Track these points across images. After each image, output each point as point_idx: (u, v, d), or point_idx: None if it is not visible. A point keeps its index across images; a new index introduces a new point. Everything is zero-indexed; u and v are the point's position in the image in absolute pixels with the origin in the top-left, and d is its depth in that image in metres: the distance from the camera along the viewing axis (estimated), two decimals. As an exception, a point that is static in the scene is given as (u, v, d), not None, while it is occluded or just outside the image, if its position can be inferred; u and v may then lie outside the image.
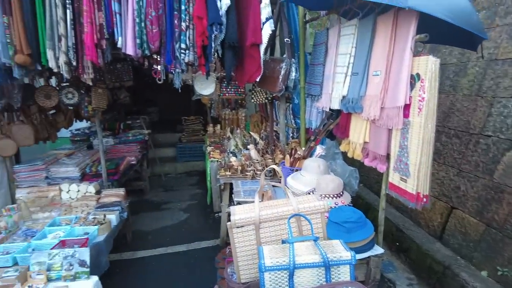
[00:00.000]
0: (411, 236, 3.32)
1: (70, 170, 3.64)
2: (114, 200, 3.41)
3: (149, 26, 2.68)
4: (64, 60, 2.67)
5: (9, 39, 2.59)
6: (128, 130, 5.42)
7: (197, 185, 5.67)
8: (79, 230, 2.89)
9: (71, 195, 3.57)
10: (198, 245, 3.66)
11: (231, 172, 3.45)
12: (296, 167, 3.07)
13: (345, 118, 2.72)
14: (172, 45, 2.77)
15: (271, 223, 1.62)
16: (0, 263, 2.47)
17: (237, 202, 2.90)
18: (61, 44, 2.65)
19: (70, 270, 2.43)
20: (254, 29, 2.80)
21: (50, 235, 2.85)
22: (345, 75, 2.64)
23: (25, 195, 3.52)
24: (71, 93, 3.35)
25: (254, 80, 3.05)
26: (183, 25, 2.76)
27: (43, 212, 3.20)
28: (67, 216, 3.10)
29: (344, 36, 2.72)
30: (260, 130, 5.14)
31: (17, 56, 2.59)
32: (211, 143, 4.86)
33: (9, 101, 3.06)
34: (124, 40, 2.71)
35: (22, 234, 2.90)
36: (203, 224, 4.19)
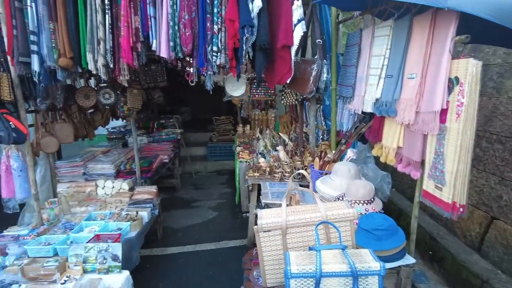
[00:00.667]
0: (445, 245, 3.17)
1: (106, 167, 3.81)
2: (146, 197, 3.52)
3: (182, 29, 2.74)
4: (102, 62, 2.79)
5: (54, 44, 2.75)
6: (162, 129, 5.58)
7: (226, 184, 5.75)
8: (112, 226, 3.02)
9: (106, 191, 3.74)
10: (226, 244, 3.71)
11: (259, 173, 3.46)
12: (326, 170, 3.02)
13: (378, 122, 2.64)
14: (204, 48, 2.82)
15: (298, 229, 1.60)
16: (42, 253, 2.63)
17: (264, 204, 2.91)
18: (100, 48, 2.77)
19: (103, 264, 2.54)
20: (285, 31, 2.78)
21: (86, 229, 3.00)
22: (378, 77, 2.56)
23: (65, 190, 3.73)
24: (108, 94, 3.50)
25: (284, 82, 3.03)
26: (215, 28, 2.79)
27: (81, 207, 3.38)
28: (102, 211, 3.25)
29: (378, 37, 2.64)
30: (289, 131, 5.11)
31: (61, 59, 2.74)
32: (241, 144, 4.90)
33: (53, 101, 3.25)
34: (158, 43, 2.79)
35: (62, 226, 3.08)
36: (231, 224, 4.24)
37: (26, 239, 2.90)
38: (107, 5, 2.70)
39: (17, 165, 3.16)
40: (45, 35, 2.72)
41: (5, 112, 2.75)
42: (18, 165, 3.16)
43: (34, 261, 2.55)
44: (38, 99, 3.12)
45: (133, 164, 3.97)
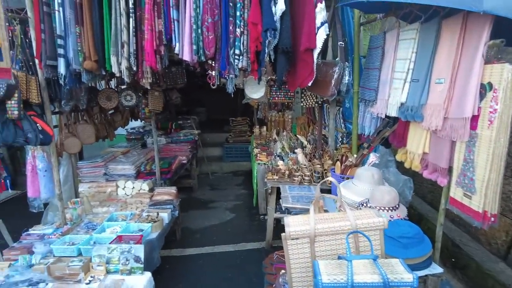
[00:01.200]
0: (469, 252, 3.10)
1: (127, 167, 3.87)
2: (166, 198, 3.56)
3: (205, 32, 2.75)
4: (126, 65, 2.82)
5: (79, 47, 2.79)
6: (180, 130, 5.63)
7: (242, 185, 5.75)
8: (133, 227, 3.06)
9: (127, 191, 3.79)
10: (244, 246, 3.71)
11: (279, 176, 3.45)
12: (347, 175, 2.99)
13: (402, 126, 2.59)
14: (226, 51, 2.82)
15: (327, 237, 1.59)
16: (67, 252, 2.69)
17: (285, 208, 2.90)
18: (124, 51, 2.80)
19: (126, 265, 2.58)
20: (308, 34, 2.76)
21: (108, 230, 3.04)
22: (404, 82, 2.52)
23: (87, 190, 3.80)
24: (129, 96, 3.55)
25: (306, 85, 3.01)
26: (237, 31, 2.79)
27: (102, 207, 3.43)
28: (123, 212, 3.29)
29: (404, 40, 2.60)
30: (307, 133, 5.08)
31: (86, 62, 2.78)
32: (258, 145, 4.90)
33: (76, 103, 3.31)
34: (181, 46, 2.80)
35: (85, 226, 3.14)
36: (248, 226, 4.24)
37: (51, 238, 2.96)
38: (131, 8, 2.73)
39: (42, 166, 3.24)
40: (71, 39, 2.78)
41: (32, 114, 2.81)
42: (43, 165, 3.24)
43: (59, 261, 2.61)
44: (62, 101, 3.18)
45: (153, 165, 4.02)
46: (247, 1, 2.75)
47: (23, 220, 3.48)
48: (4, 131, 2.65)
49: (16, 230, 3.62)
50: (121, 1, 2.71)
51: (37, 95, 2.76)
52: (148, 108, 3.56)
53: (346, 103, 4.01)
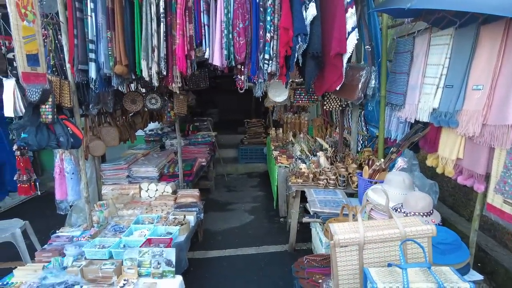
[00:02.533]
0: (497, 258, 3.09)
1: (150, 170, 3.89)
2: (190, 200, 3.58)
3: (236, 37, 2.77)
4: (156, 70, 2.85)
5: (110, 52, 2.82)
6: (196, 132, 5.65)
7: (258, 187, 5.77)
8: (161, 230, 3.08)
9: (150, 193, 3.82)
10: (267, 249, 3.72)
11: (303, 180, 3.46)
12: (375, 179, 2.99)
13: (434, 131, 2.59)
14: (256, 56, 2.83)
15: (376, 244, 1.60)
16: (98, 255, 2.71)
17: (313, 212, 2.90)
18: (154, 55, 2.83)
19: (158, 268, 2.59)
20: (339, 38, 2.76)
21: (135, 232, 3.06)
22: (436, 87, 2.52)
23: (110, 192, 3.82)
24: (154, 99, 3.57)
25: (334, 89, 3.02)
26: (268, 36, 2.81)
27: (127, 209, 3.46)
28: (149, 215, 3.32)
29: (436, 46, 2.60)
30: (324, 135, 5.08)
31: (117, 67, 2.81)
32: (276, 148, 4.91)
33: (103, 106, 3.34)
34: (212, 51, 2.83)
35: (112, 229, 3.16)
36: (268, 228, 4.25)
37: (80, 240, 2.99)
38: (162, 13, 2.76)
39: (70, 168, 3.27)
40: (102, 44, 2.80)
41: (63, 118, 2.84)
42: (70, 168, 3.27)
43: (91, 263, 2.63)
44: (90, 104, 3.21)
45: (176, 167, 4.04)
46: (278, 6, 2.76)
47: (44, 220, 3.52)
48: (38, 135, 2.68)
49: (39, 230, 3.67)
50: (152, 6, 2.74)
51: (69, 99, 2.79)
52: (174, 112, 3.58)
53: (369, 106, 4.01)
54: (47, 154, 6.75)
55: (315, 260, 2.68)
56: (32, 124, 2.67)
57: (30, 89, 2.58)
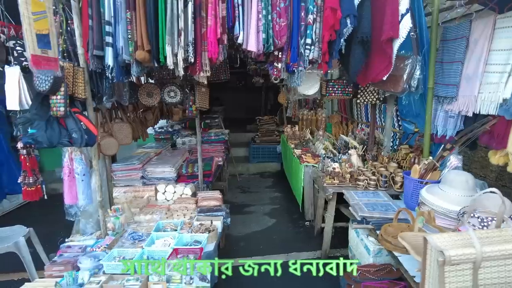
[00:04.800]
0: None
1: (167, 170, 3.53)
2: (214, 204, 3.24)
3: (276, 19, 2.43)
4: (183, 56, 2.50)
5: (130, 35, 2.46)
6: (208, 129, 5.30)
7: (273, 188, 5.43)
8: (187, 238, 2.73)
9: (167, 196, 3.46)
10: (298, 256, 3.40)
11: (339, 181, 3.14)
12: (427, 179, 2.69)
13: (504, 125, 2.29)
14: (297, 41, 2.51)
15: (494, 262, 1.28)
16: (118, 269, 2.35)
17: (361, 217, 2.59)
18: (180, 39, 2.47)
19: (190, 284, 2.25)
20: (391, 21, 2.45)
21: (158, 241, 2.71)
22: (508, 75, 2.22)
23: (122, 195, 3.46)
24: (173, 92, 3.21)
25: (380, 79, 2.71)
26: (310, 18, 2.48)
27: (145, 214, 3.10)
28: (170, 221, 2.96)
29: (503, 29, 2.30)
30: (346, 132, 4.78)
31: (138, 52, 2.44)
32: (297, 146, 4.58)
33: (117, 99, 2.97)
34: (246, 35, 2.48)
35: (130, 237, 2.80)
36: (293, 233, 3.93)
37: (96, 251, 2.62)
38: (190, -9, 2.41)
39: (81, 169, 2.89)
40: (121, 26, 2.44)
41: (76, 111, 2.47)
42: (81, 168, 2.89)
43: (112, 279, 2.28)
44: (104, 96, 2.84)
45: (195, 167, 3.68)
46: (322, -17, 2.44)
47: (47, 226, 3.16)
48: (48, 130, 2.31)
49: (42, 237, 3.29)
50: (179, -18, 2.38)
51: (83, 89, 2.42)
52: (195, 106, 3.22)
53: (403, 100, 3.71)
54: (46, 152, 6.31)
55: (368, 271, 2.37)
56: (41, 118, 2.30)
57: (39, 77, 2.21)
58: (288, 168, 4.85)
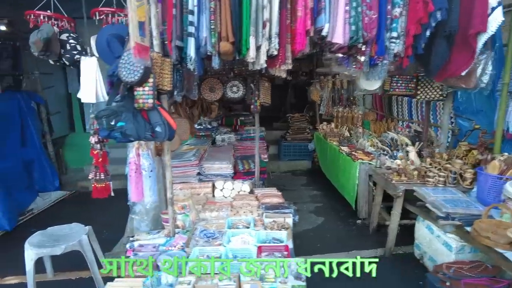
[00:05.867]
0: None
1: (224, 167, 3.45)
2: (277, 201, 3.17)
3: (366, 11, 2.37)
4: (267, 48, 2.43)
5: (213, 26, 2.37)
6: (243, 127, 5.21)
7: (310, 186, 5.37)
8: (262, 235, 2.66)
9: (225, 193, 3.38)
10: (358, 254, 3.33)
11: (408, 178, 3.10)
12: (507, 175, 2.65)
13: None
14: (384, 33, 2.45)
15: None
16: (206, 269, 2.27)
17: (446, 214, 2.54)
18: (265, 31, 2.40)
19: (285, 283, 2.18)
20: (482, 15, 2.41)
21: (233, 239, 2.63)
22: None
23: (179, 192, 3.36)
24: (236, 87, 3.14)
25: (458, 74, 2.67)
26: (396, 11, 2.43)
27: (210, 211, 3.02)
28: (240, 217, 2.89)
29: None
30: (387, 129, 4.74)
31: (223, 44, 2.37)
32: (342, 143, 4.53)
33: (186, 94, 2.88)
34: (332, 27, 2.42)
35: (202, 235, 2.71)
36: (346, 231, 3.88)
37: (171, 249, 2.54)
38: (277, -20, 2.33)
39: (148, 165, 2.81)
40: (205, 15, 2.35)
41: (158, 104, 2.37)
42: (149, 164, 2.81)
43: (201, 279, 2.20)
44: (175, 90, 2.75)
45: (252, 164, 3.61)
46: (410, -25, 2.39)
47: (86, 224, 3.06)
48: (135, 123, 2.21)
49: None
50: (266, -28, 2.31)
51: (169, 81, 2.33)
52: (259, 101, 3.15)
53: (459, 96, 3.69)
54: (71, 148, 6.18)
55: (461, 268, 2.33)
56: (128, 110, 2.20)
57: (126, 67, 2.12)
58: (331, 166, 4.78)
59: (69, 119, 6.45)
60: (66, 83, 6.31)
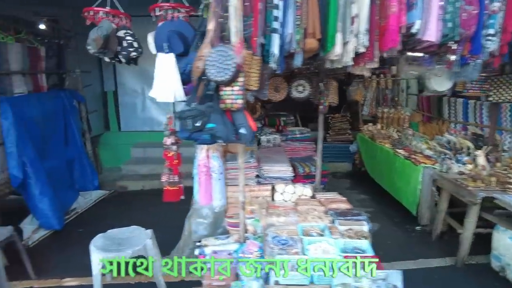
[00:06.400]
0: None
1: (284, 169, 3.31)
2: (345, 207, 3.03)
3: (465, 6, 2.21)
4: (355, 45, 2.29)
5: (298, 22, 2.24)
6: (286, 127, 5.07)
7: (355, 190, 5.20)
8: (340, 243, 2.51)
9: (285, 197, 3.24)
10: (427, 263, 3.18)
11: (485, 184, 2.93)
12: None
13: None
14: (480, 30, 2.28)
15: None
16: (295, 280, 2.14)
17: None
18: (353, 27, 2.26)
19: (382, 297, 2.04)
20: None
21: (310, 247, 2.49)
22: None
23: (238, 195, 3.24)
24: (302, 86, 3.00)
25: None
26: (495, 6, 2.26)
27: (277, 216, 2.88)
28: (310, 224, 2.75)
29: None
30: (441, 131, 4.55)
31: (309, 41, 2.23)
32: (395, 145, 4.36)
33: (256, 94, 2.75)
34: (425, 23, 2.26)
35: (276, 242, 2.57)
36: (405, 238, 3.72)
37: (249, 257, 2.41)
38: (369, -25, 2.19)
39: (218, 167, 2.70)
40: (291, 10, 2.22)
41: (241, 104, 2.25)
42: (219, 167, 2.70)
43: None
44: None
45: (312, 167, 3.47)
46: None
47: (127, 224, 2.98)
48: (223, 125, 2.09)
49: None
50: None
51: (257, 80, 2.20)
52: (328, 101, 3.01)
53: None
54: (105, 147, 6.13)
55: None
56: (216, 111, 2.09)
57: (214, 65, 2.01)
58: (382, 169, 4.59)
59: (104, 118, 6.40)
60: (102, 82, 6.26)
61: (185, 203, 3.28)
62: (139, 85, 6.28)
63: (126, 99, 6.32)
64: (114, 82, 6.25)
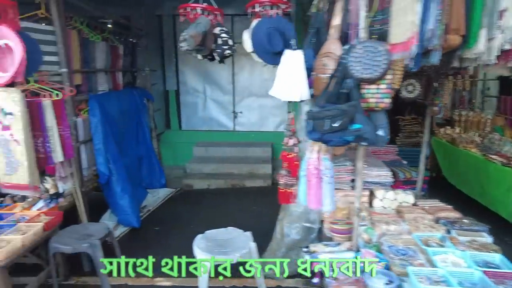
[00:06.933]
0: None
1: (383, 174, 3.15)
2: (454, 216, 2.83)
3: None
4: (501, 41, 2.09)
5: (439, 16, 2.07)
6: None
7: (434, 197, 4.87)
8: (466, 256, 2.32)
9: (385, 203, 3.08)
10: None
11: None
12: None
13: None
14: None
15: None
16: None
17: None
18: (501, 22, 2.07)
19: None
20: None
21: (436, 258, 2.31)
22: None
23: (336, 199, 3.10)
24: (412, 85, 2.82)
25: None
26: None
27: (387, 224, 2.72)
28: (425, 234, 2.57)
29: None
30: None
31: (452, 37, 2.06)
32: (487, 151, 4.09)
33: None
34: None
35: (395, 252, 2.43)
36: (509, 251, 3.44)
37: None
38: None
39: (329, 171, 2.56)
40: (435, 4, 2.05)
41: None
42: (330, 170, 2.56)
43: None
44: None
45: (413, 172, 3.29)
46: None
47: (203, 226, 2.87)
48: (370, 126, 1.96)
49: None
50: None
51: (400, 78, 2.06)
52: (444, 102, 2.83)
53: None
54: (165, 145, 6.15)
55: None
56: (359, 111, 1.95)
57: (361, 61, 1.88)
58: (468, 175, 4.29)
59: (165, 117, 6.44)
60: (164, 81, 6.29)
61: (254, 203, 3.13)
62: (200, 85, 6.28)
63: (188, 98, 6.34)
64: (176, 81, 6.27)
